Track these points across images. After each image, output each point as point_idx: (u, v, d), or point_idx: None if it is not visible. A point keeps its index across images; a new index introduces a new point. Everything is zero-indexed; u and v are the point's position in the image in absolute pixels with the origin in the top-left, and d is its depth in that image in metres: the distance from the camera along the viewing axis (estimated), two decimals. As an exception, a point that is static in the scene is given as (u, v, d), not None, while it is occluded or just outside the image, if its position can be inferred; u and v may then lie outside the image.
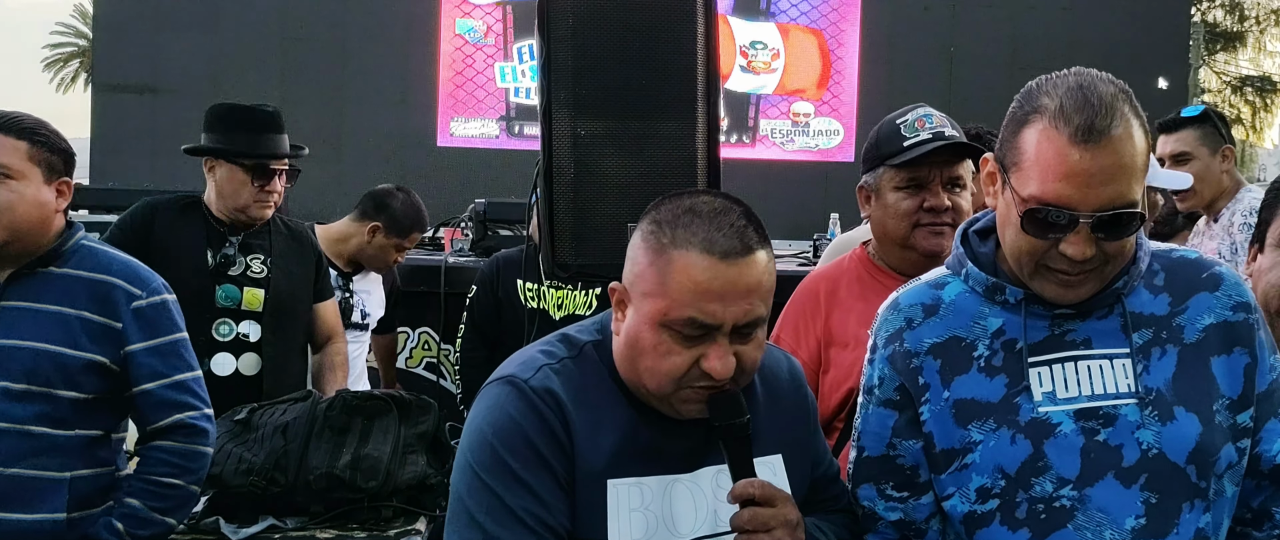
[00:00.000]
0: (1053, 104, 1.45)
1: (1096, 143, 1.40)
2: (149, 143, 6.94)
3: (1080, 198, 1.42)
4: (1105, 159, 1.41)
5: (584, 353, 1.56)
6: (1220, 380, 1.51)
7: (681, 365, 1.45)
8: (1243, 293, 1.57)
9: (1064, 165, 1.42)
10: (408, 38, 7.54)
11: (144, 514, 2.21)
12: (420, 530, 2.47)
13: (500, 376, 1.56)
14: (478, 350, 4.12)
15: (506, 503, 1.46)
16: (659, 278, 1.45)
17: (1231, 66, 22.00)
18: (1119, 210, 1.42)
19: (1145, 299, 1.54)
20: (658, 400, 1.50)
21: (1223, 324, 1.53)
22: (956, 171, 2.14)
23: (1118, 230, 1.44)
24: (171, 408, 2.24)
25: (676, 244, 1.44)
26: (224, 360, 3.19)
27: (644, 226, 1.51)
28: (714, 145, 2.44)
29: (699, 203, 1.49)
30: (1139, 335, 1.52)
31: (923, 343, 1.58)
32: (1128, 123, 1.43)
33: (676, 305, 1.43)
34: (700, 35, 2.38)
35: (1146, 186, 2.80)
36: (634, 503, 1.50)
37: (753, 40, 7.64)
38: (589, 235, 2.39)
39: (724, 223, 1.45)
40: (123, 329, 2.21)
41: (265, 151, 3.27)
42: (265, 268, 3.29)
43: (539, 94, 2.40)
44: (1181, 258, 1.60)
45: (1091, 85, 1.45)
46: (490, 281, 4.08)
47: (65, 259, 2.23)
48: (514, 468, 1.47)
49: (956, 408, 1.55)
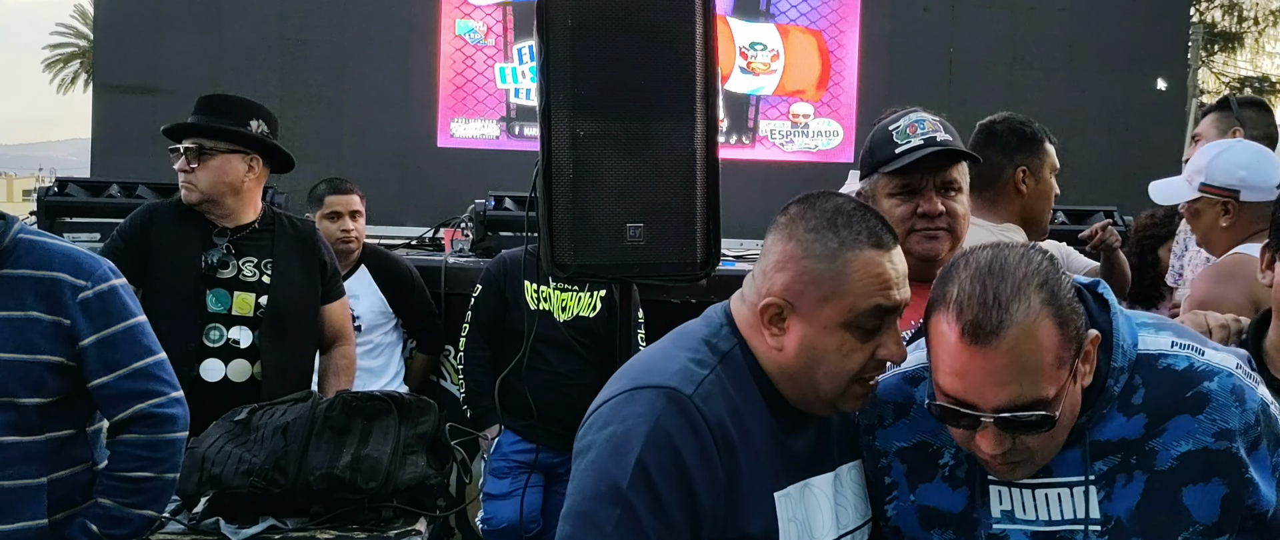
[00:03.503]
0: (949, 295, 1.39)
1: (983, 343, 1.34)
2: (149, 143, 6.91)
3: (978, 397, 1.37)
4: (996, 359, 1.34)
5: (730, 358, 1.55)
6: (1193, 509, 1.43)
7: (862, 360, 1.51)
8: (1228, 417, 1.42)
9: (956, 363, 1.37)
10: (408, 38, 7.52)
11: (118, 512, 2.18)
12: (420, 531, 2.47)
13: (654, 384, 1.49)
14: (481, 350, 4.12)
15: (641, 523, 1.40)
16: (836, 279, 1.49)
17: (1230, 67, 21.99)
18: (1019, 412, 1.36)
19: (1117, 424, 1.45)
20: (820, 403, 1.54)
21: (1201, 452, 1.42)
22: (950, 175, 2.13)
23: (1029, 429, 1.37)
24: (131, 398, 2.19)
25: (846, 246, 1.50)
26: (213, 366, 3.16)
27: (800, 237, 1.52)
28: (712, 146, 2.45)
29: (841, 204, 1.55)
30: (1104, 462, 1.45)
31: (892, 445, 1.59)
32: (1030, 317, 1.34)
33: (862, 299, 1.49)
34: (699, 36, 2.38)
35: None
36: (788, 514, 1.52)
37: (752, 41, 7.63)
38: (588, 235, 2.39)
39: (870, 218, 1.54)
40: (72, 324, 2.15)
41: (181, 130, 3.22)
42: (259, 271, 3.26)
43: (538, 94, 2.40)
44: (1168, 368, 1.46)
45: (1000, 270, 1.37)
46: (497, 282, 4.07)
47: (5, 258, 2.14)
48: (658, 486, 1.41)
49: (921, 512, 1.57)
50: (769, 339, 1.54)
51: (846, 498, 1.61)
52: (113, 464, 2.22)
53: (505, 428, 3.99)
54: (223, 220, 3.26)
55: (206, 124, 3.22)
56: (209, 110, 3.27)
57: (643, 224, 2.39)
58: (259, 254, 3.27)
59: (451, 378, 4.73)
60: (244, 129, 3.24)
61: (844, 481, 1.61)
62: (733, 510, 1.46)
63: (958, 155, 2.13)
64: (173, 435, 2.22)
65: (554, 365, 3.89)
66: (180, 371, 2.38)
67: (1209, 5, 20.41)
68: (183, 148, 3.21)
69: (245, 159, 3.24)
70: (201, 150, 3.19)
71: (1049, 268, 1.39)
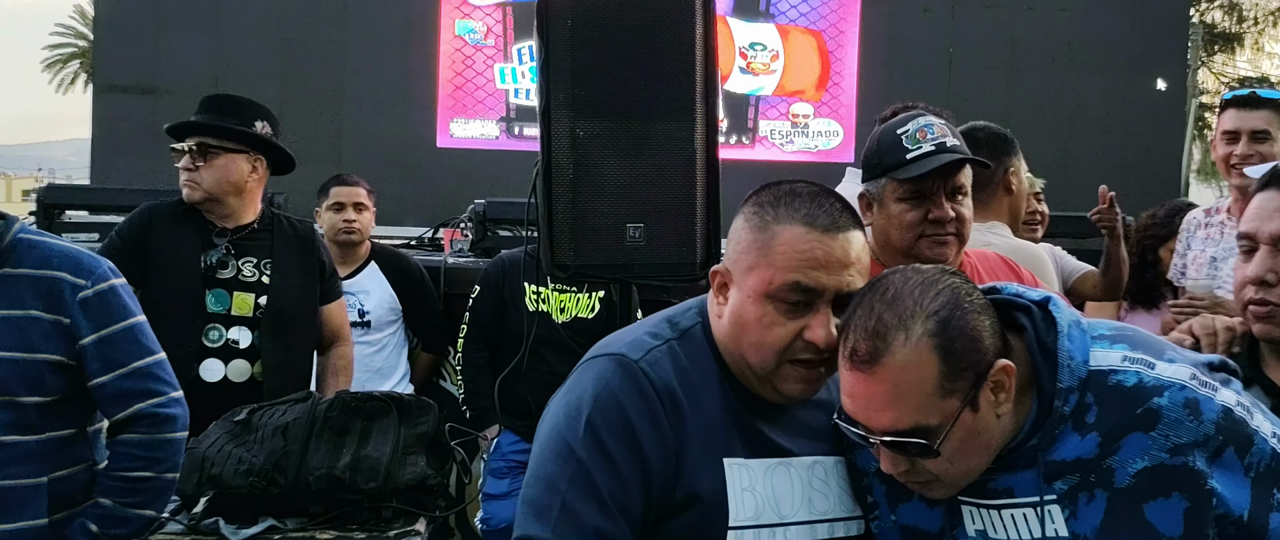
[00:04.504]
0: (851, 316, 1.44)
1: (863, 370, 1.40)
2: (149, 143, 6.91)
3: (865, 419, 1.43)
4: (876, 386, 1.39)
5: (689, 335, 1.60)
6: (1156, 524, 1.41)
7: (785, 337, 1.50)
8: (1181, 432, 1.40)
9: (846, 385, 1.44)
10: (408, 38, 7.53)
11: (118, 512, 2.18)
12: (420, 531, 2.47)
13: (606, 352, 1.57)
14: (480, 351, 4.12)
15: (592, 477, 1.47)
16: (763, 250, 1.52)
17: (1230, 67, 22.00)
18: (902, 437, 1.40)
19: (1071, 443, 1.44)
20: (760, 380, 1.54)
21: (1157, 468, 1.41)
22: (959, 181, 2.15)
23: (918, 453, 1.41)
24: (130, 398, 2.19)
25: (779, 220, 1.52)
26: (212, 366, 3.16)
27: (746, 211, 1.58)
28: (713, 146, 2.45)
29: (798, 187, 1.57)
30: (1063, 482, 1.45)
31: (871, 465, 1.59)
32: (909, 348, 1.38)
33: (781, 272, 1.50)
34: (699, 36, 2.38)
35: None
36: (744, 482, 1.53)
37: (752, 41, 7.64)
38: (588, 235, 2.39)
39: (824, 201, 1.54)
40: (71, 323, 2.14)
41: (185, 129, 3.22)
42: (258, 271, 3.26)
43: (538, 95, 2.40)
44: (1117, 385, 1.44)
45: (893, 299, 1.41)
46: (496, 283, 4.07)
47: (5, 257, 2.15)
48: (607, 444, 1.48)
49: (903, 532, 1.58)
50: (715, 308, 1.59)
51: (825, 487, 1.60)
52: (112, 464, 2.22)
53: (504, 428, 3.99)
54: (223, 220, 3.26)
55: (212, 123, 3.22)
56: (214, 109, 3.27)
57: (643, 224, 2.39)
58: (258, 254, 3.27)
59: (451, 378, 4.73)
60: (249, 129, 3.24)
61: (827, 471, 1.60)
62: (681, 470, 1.50)
63: (968, 162, 2.14)
64: (172, 435, 2.22)
65: (553, 366, 3.89)
66: (180, 371, 2.37)
67: (1209, 5, 20.41)
68: (186, 147, 3.20)
69: (249, 159, 3.25)
70: (206, 149, 3.19)
71: (949, 300, 1.40)
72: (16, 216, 2.23)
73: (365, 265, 4.35)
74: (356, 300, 4.25)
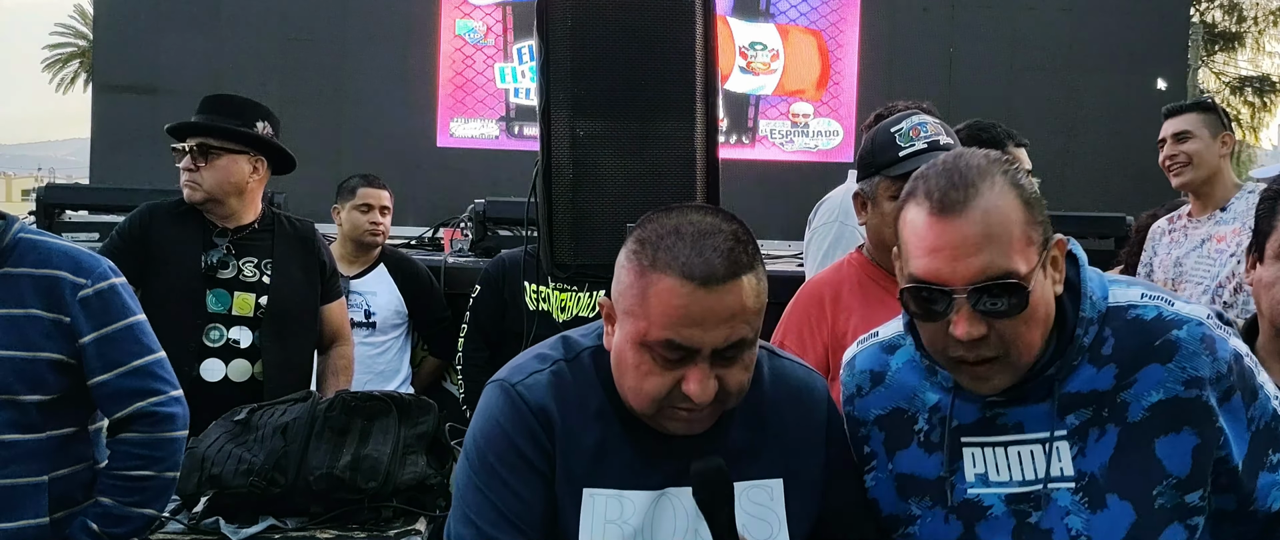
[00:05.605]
0: (918, 186, 1.44)
1: (954, 213, 1.38)
2: (149, 142, 6.92)
3: (952, 270, 1.38)
4: (967, 228, 1.37)
5: (579, 358, 1.57)
6: (1165, 461, 1.43)
7: (662, 387, 1.44)
8: (1198, 365, 1.42)
9: (927, 241, 1.40)
10: (408, 38, 7.53)
11: (119, 511, 2.18)
12: (420, 531, 2.47)
13: (495, 378, 1.59)
14: (480, 351, 4.12)
15: (495, 504, 1.50)
16: (639, 298, 1.43)
17: (1230, 67, 21.99)
18: (993, 280, 1.37)
19: (1087, 375, 1.46)
20: (642, 415, 1.50)
21: (1171, 401, 1.43)
22: None
23: (1002, 308, 1.37)
24: (130, 396, 2.19)
25: (656, 266, 1.41)
26: (213, 366, 3.16)
27: (630, 244, 1.48)
28: (712, 145, 2.44)
29: (685, 223, 1.44)
30: (1076, 416, 1.46)
31: (869, 413, 1.60)
32: (995, 191, 1.38)
33: (654, 327, 1.41)
34: (699, 36, 2.38)
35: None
36: (612, 514, 1.50)
37: (752, 41, 7.64)
38: (588, 235, 2.39)
39: (707, 246, 1.40)
40: (72, 322, 2.15)
41: (186, 129, 3.22)
42: (259, 271, 3.26)
43: (538, 94, 2.40)
44: (1136, 319, 1.46)
45: (964, 161, 1.43)
46: (496, 282, 4.07)
47: (5, 256, 2.15)
48: (499, 471, 1.51)
49: (899, 481, 1.58)
50: (607, 337, 1.54)
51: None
52: (112, 463, 2.22)
53: (505, 428, 3.98)
54: (224, 221, 3.26)
55: (213, 124, 3.22)
56: (215, 110, 3.27)
57: (643, 224, 2.38)
58: (259, 254, 3.27)
59: (451, 378, 4.73)
60: (251, 130, 3.24)
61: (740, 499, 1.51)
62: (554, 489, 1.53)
63: None
64: (172, 434, 2.23)
65: (553, 365, 3.89)
66: (180, 371, 2.38)
67: (1209, 5, 20.41)
68: (187, 147, 3.20)
69: (250, 160, 3.25)
70: (207, 150, 3.19)
71: (1011, 166, 1.44)
72: (16, 216, 2.23)
73: (375, 266, 4.36)
74: (363, 300, 4.25)
